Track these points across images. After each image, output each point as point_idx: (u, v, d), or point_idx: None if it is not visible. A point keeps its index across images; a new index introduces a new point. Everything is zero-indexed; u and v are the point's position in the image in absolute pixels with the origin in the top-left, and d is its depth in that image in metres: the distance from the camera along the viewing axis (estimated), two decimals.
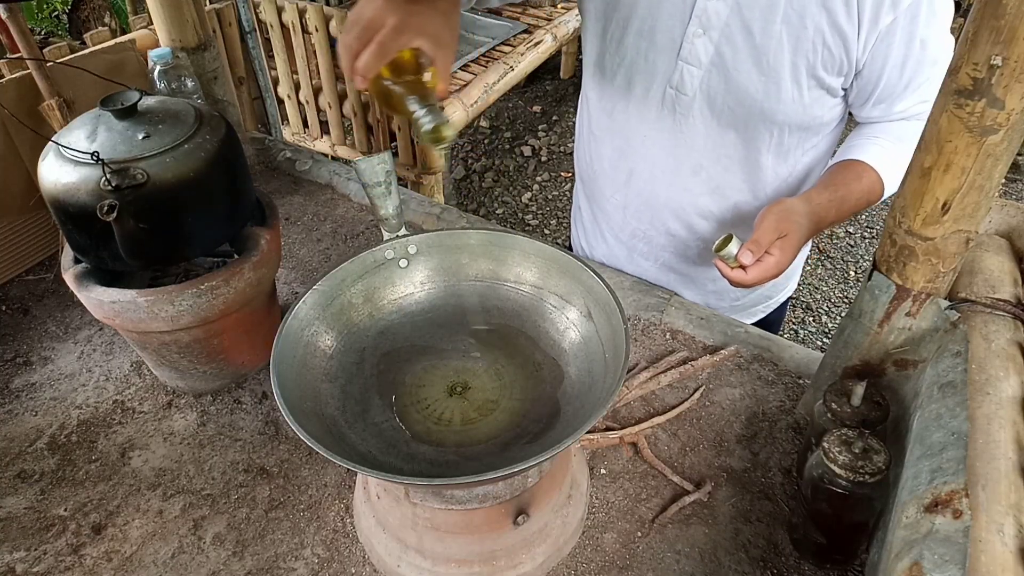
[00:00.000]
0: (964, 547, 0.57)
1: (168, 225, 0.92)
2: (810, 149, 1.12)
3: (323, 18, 2.54)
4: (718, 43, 1.00)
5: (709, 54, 1.01)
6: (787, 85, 1.00)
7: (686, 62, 1.03)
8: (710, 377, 1.10)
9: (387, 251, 0.88)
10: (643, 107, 1.13)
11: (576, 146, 1.35)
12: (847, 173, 1.05)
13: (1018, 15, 0.58)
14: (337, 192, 1.57)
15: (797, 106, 1.02)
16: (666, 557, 0.87)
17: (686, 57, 1.03)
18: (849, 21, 0.93)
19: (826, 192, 1.04)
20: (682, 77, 1.05)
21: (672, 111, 1.10)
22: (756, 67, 0.99)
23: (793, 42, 0.96)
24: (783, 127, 1.06)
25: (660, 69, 1.07)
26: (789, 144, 1.09)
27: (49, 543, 0.91)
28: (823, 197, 1.03)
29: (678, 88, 1.07)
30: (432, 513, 0.79)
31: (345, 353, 0.84)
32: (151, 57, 1.25)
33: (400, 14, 0.74)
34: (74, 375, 1.15)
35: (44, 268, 1.37)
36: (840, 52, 0.96)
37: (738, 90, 1.03)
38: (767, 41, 0.97)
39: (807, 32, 0.95)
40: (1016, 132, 0.65)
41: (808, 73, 0.99)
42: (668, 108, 1.10)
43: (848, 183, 1.04)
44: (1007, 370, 0.72)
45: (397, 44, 0.74)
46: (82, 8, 3.99)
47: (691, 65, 1.03)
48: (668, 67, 1.06)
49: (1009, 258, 0.87)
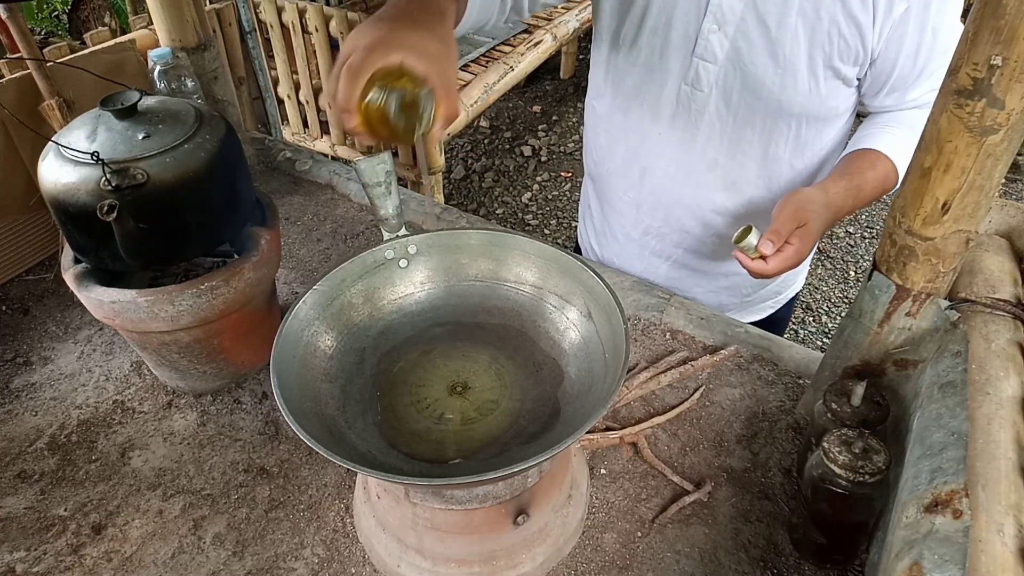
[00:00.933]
0: (964, 547, 0.57)
1: (168, 225, 0.92)
2: (826, 142, 1.13)
3: (323, 18, 2.54)
4: (733, 38, 1.00)
5: (724, 49, 1.01)
6: (803, 77, 1.00)
7: (701, 59, 1.04)
8: (710, 377, 1.10)
9: (387, 251, 0.88)
10: (658, 105, 1.13)
11: (585, 146, 1.35)
12: (862, 162, 1.06)
13: (1018, 15, 0.58)
14: (337, 192, 1.57)
15: (814, 97, 1.03)
16: (666, 557, 0.87)
17: (701, 54, 1.03)
18: (864, 11, 0.93)
19: (842, 181, 1.04)
20: (697, 74, 1.05)
21: (688, 108, 1.10)
22: (772, 60, 1.00)
23: (809, 34, 0.96)
24: (800, 119, 1.06)
25: (675, 67, 1.07)
26: (806, 137, 1.09)
27: (49, 543, 0.91)
28: (839, 186, 1.03)
29: (693, 85, 1.07)
30: (432, 513, 0.79)
31: (345, 353, 0.84)
32: (151, 57, 1.25)
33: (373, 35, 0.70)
34: (74, 375, 1.15)
35: (44, 268, 1.37)
36: (856, 42, 0.97)
37: (755, 84, 1.03)
38: (783, 34, 0.97)
39: (822, 23, 0.95)
40: (1016, 132, 0.65)
41: (824, 64, 0.99)
42: (683, 105, 1.10)
43: (863, 172, 1.05)
44: (1007, 370, 0.72)
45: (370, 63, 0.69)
46: (82, 8, 3.99)
47: (707, 61, 1.03)
48: (683, 64, 1.06)
49: (1009, 258, 0.87)
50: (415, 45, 0.71)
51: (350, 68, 0.68)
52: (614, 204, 1.31)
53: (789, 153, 1.11)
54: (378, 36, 0.70)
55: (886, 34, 0.96)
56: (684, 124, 1.12)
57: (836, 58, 0.98)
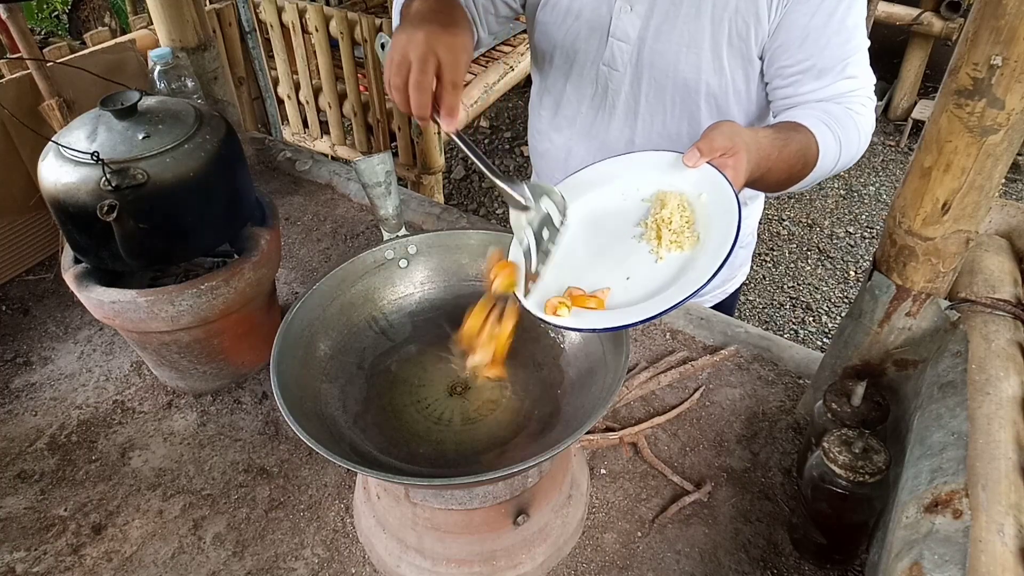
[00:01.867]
0: (964, 547, 0.57)
1: (168, 225, 0.92)
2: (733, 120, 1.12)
3: (323, 18, 2.54)
4: (644, 17, 1.02)
5: (637, 28, 1.03)
6: (707, 55, 1.01)
7: (615, 38, 1.05)
8: (710, 377, 1.10)
9: (387, 251, 0.88)
10: (579, 85, 1.15)
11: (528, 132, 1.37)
12: (785, 124, 1.01)
13: (1018, 15, 0.58)
14: (337, 192, 1.57)
15: (719, 78, 1.04)
16: (666, 557, 0.87)
17: (615, 33, 1.05)
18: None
19: (769, 130, 0.96)
20: (613, 53, 1.07)
21: (605, 88, 1.12)
22: (679, 40, 1.01)
23: (711, 11, 0.98)
24: (708, 98, 1.07)
25: (592, 47, 1.09)
26: (713, 116, 1.09)
27: (49, 543, 0.91)
28: (766, 133, 0.94)
29: (610, 65, 1.08)
30: (432, 513, 0.79)
31: (345, 353, 0.84)
32: (151, 57, 1.25)
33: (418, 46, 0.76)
34: (74, 375, 1.15)
35: (44, 268, 1.37)
36: (751, 18, 0.98)
37: (662, 63, 1.04)
38: (687, 11, 0.99)
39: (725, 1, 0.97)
40: (1016, 132, 0.65)
41: (726, 42, 1.00)
42: (602, 85, 1.12)
43: (788, 131, 0.98)
44: (1007, 370, 0.72)
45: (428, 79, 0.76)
46: (82, 8, 3.99)
47: (620, 41, 1.05)
48: (599, 45, 1.08)
49: (1009, 258, 0.87)
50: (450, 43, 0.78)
51: (418, 86, 0.75)
52: None
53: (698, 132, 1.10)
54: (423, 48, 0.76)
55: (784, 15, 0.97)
56: (602, 104, 1.14)
57: (735, 35, 0.99)
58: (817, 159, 0.96)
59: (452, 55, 0.76)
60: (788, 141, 0.95)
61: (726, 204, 0.78)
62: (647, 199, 0.86)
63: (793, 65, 1.01)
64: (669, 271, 0.78)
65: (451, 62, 0.76)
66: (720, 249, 0.74)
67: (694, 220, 0.81)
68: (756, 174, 0.87)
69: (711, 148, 0.83)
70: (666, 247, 0.80)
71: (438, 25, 0.78)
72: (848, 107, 0.99)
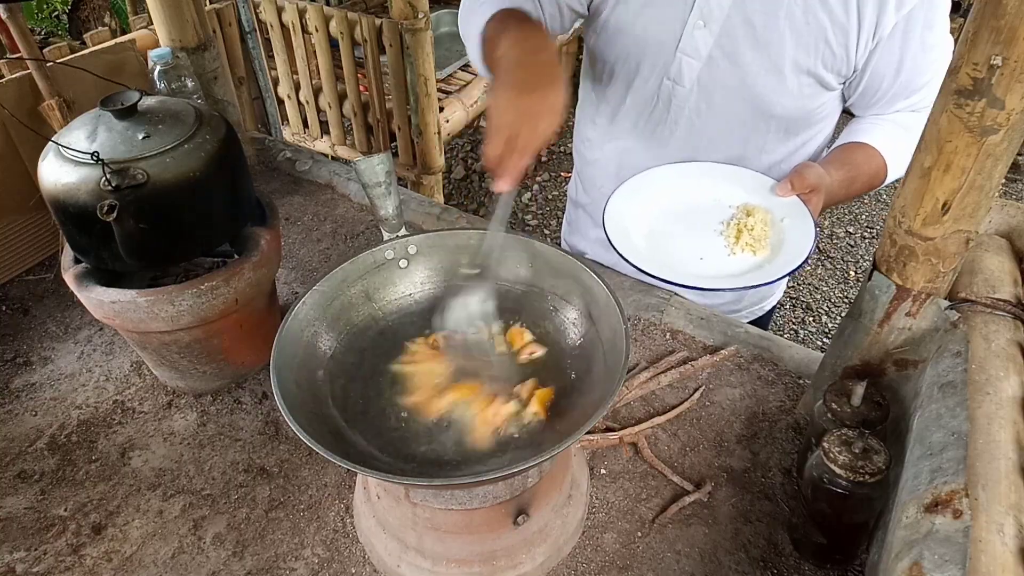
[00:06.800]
0: (964, 547, 0.57)
1: (168, 225, 0.92)
2: (800, 146, 1.13)
3: (323, 18, 2.54)
4: (718, 36, 1.00)
5: (708, 46, 1.01)
6: (787, 79, 1.00)
7: (685, 54, 1.04)
8: (710, 377, 1.10)
9: (387, 251, 0.88)
10: (639, 98, 1.13)
11: (575, 139, 1.36)
12: (856, 154, 1.06)
13: (1018, 15, 0.58)
14: (337, 192, 1.57)
15: (795, 100, 1.03)
16: (666, 557, 0.87)
17: (685, 49, 1.03)
18: (848, 20, 0.94)
19: (839, 171, 1.05)
20: (680, 69, 1.06)
21: (668, 103, 1.10)
22: (756, 61, 1.00)
23: (795, 37, 0.96)
24: (780, 121, 1.07)
25: (659, 61, 1.07)
26: (781, 139, 1.10)
27: (49, 543, 0.91)
28: (837, 175, 1.05)
29: (675, 80, 1.07)
30: (432, 513, 0.79)
31: (345, 353, 0.84)
32: (151, 57, 1.25)
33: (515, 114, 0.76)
34: (74, 375, 1.15)
35: (44, 268, 1.37)
36: (841, 51, 0.97)
37: (736, 83, 1.03)
38: (769, 35, 0.97)
39: (809, 28, 0.95)
40: (1016, 132, 0.65)
41: (808, 70, 0.99)
42: (664, 100, 1.11)
43: (859, 164, 1.06)
44: (1007, 370, 0.72)
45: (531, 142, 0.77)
46: (82, 8, 3.98)
47: (690, 57, 1.04)
48: (667, 59, 1.06)
49: (1009, 258, 0.87)
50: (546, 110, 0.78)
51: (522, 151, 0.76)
52: (594, 196, 1.32)
53: (763, 154, 1.12)
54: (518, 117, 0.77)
55: (873, 47, 0.97)
56: (663, 118, 1.13)
57: (821, 65, 0.99)
58: (886, 178, 1.09)
59: (531, 126, 0.76)
60: (856, 178, 1.08)
61: (805, 229, 1.01)
62: (733, 206, 1.09)
63: (888, 90, 1.03)
64: (738, 265, 1.01)
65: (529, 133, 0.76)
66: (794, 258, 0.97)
67: (770, 235, 1.03)
68: (823, 209, 1.08)
69: (803, 184, 1.03)
70: (741, 247, 1.03)
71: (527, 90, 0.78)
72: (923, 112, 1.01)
